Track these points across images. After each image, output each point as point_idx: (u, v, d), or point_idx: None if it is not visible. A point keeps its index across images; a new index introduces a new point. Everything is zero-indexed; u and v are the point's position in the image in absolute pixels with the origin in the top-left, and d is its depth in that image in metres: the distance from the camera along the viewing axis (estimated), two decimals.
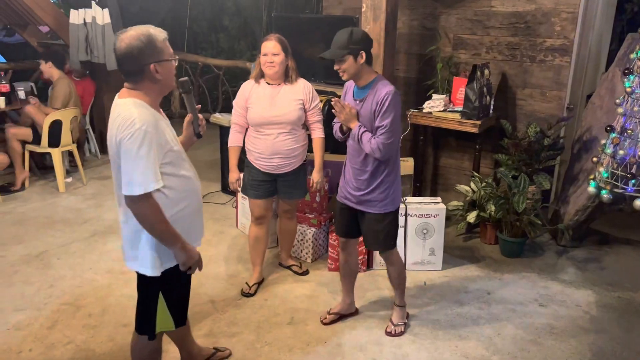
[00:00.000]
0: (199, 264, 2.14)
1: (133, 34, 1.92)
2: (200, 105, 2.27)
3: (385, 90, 2.61)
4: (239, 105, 3.23)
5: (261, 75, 3.20)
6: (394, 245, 2.90)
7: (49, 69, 5.18)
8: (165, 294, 2.16)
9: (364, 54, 2.60)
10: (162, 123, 2.03)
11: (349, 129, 2.74)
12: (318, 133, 3.30)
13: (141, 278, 2.15)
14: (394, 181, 2.78)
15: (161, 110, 2.13)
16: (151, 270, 2.08)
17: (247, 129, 3.27)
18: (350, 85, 2.82)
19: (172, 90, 2.06)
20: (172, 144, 2.04)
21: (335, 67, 2.64)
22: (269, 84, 3.18)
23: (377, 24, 3.74)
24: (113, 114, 1.96)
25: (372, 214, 2.79)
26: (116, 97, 2.03)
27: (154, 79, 1.97)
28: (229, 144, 3.27)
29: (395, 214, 2.84)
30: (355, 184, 2.78)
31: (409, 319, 3.13)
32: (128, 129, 1.86)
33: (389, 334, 3.02)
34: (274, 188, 3.30)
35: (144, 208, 1.93)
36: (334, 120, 2.90)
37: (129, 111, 1.90)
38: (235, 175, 3.28)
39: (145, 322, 2.22)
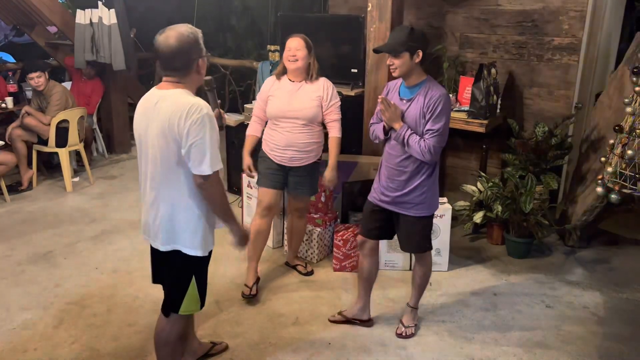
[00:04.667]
0: (248, 239, 2.34)
1: (182, 31, 2.04)
2: (220, 101, 2.37)
3: (438, 92, 2.59)
4: (261, 99, 3.30)
5: (283, 72, 3.26)
6: (430, 247, 2.88)
7: (42, 80, 5.05)
8: (197, 275, 2.27)
9: (420, 53, 2.58)
10: None
11: (391, 129, 2.69)
12: (335, 132, 3.29)
13: (180, 261, 2.22)
14: (432, 185, 2.75)
15: None
16: (195, 251, 2.20)
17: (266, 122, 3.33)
18: (393, 84, 2.79)
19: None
20: None
21: (388, 62, 2.62)
22: (291, 80, 3.23)
23: (383, 24, 3.72)
24: (166, 103, 2.03)
25: (406, 217, 2.76)
26: (154, 89, 2.13)
27: (198, 73, 2.12)
28: (247, 132, 3.36)
29: (430, 218, 2.82)
30: (392, 184, 2.74)
31: (418, 321, 3.11)
32: (196, 114, 1.99)
33: (399, 335, 2.99)
34: (286, 181, 3.32)
35: (215, 186, 2.09)
36: (372, 121, 2.87)
37: (187, 99, 2.02)
38: (247, 161, 3.33)
39: (174, 303, 2.30)
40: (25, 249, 3.96)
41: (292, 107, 3.18)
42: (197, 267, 2.27)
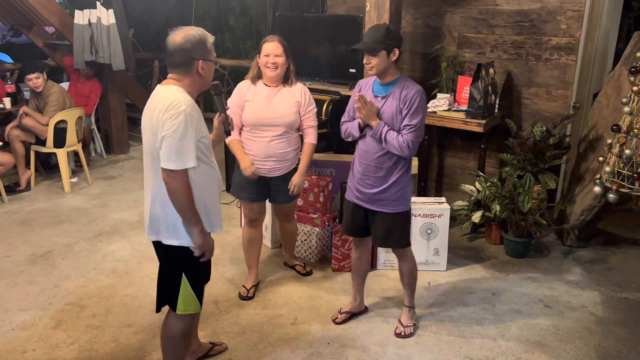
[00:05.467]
0: (212, 250, 2.27)
1: (189, 31, 2.15)
2: (229, 107, 2.37)
3: (414, 88, 2.63)
4: (236, 105, 3.14)
5: (258, 76, 3.14)
6: (408, 243, 2.89)
7: (41, 81, 5.05)
8: (188, 272, 2.27)
9: (397, 52, 2.62)
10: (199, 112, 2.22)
11: (367, 127, 2.71)
12: (310, 138, 3.22)
13: (167, 253, 2.26)
14: (407, 181, 2.77)
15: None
16: (172, 241, 2.22)
17: (241, 129, 3.22)
18: (365, 82, 2.81)
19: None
20: (205, 132, 2.22)
21: (365, 61, 2.64)
22: (267, 85, 3.13)
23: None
24: (156, 97, 2.14)
25: (385, 213, 2.77)
26: (158, 86, 2.22)
27: (199, 74, 2.17)
28: (228, 140, 3.13)
29: (408, 213, 2.84)
30: (368, 181, 2.75)
31: (417, 320, 3.11)
32: (175, 109, 2.05)
33: (398, 335, 3.00)
34: (267, 191, 3.25)
35: (178, 184, 2.09)
36: (343, 119, 2.88)
37: (175, 95, 2.09)
38: (247, 161, 3.10)
39: (170, 301, 2.33)
40: (23, 250, 3.96)
41: (271, 113, 3.06)
42: (185, 261, 2.25)
